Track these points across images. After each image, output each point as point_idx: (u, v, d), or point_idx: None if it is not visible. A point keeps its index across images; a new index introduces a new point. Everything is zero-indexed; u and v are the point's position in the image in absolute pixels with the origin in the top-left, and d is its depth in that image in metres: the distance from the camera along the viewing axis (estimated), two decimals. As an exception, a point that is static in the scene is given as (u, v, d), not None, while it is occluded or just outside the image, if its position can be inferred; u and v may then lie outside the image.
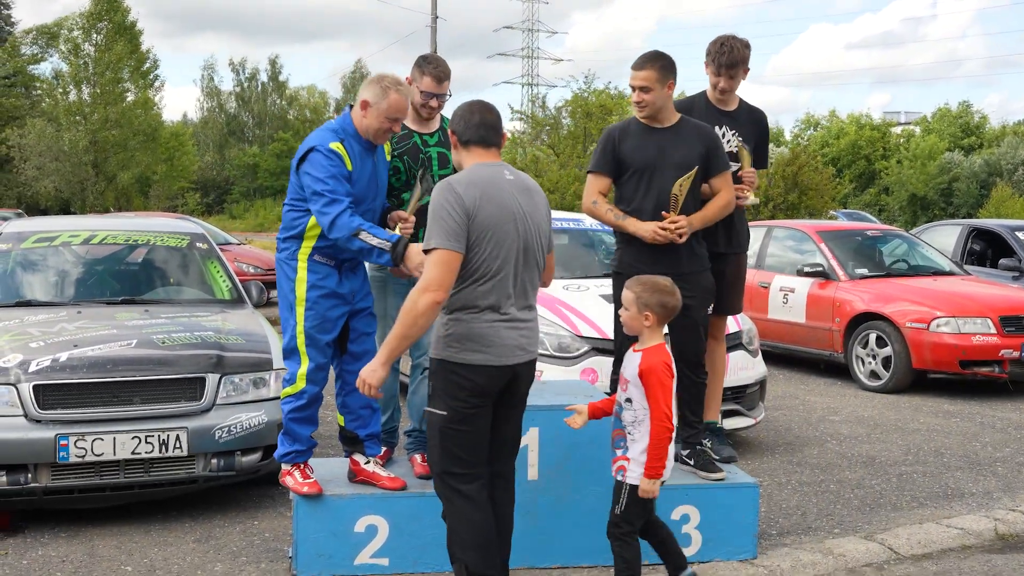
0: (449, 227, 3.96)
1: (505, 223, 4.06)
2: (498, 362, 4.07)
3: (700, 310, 5.32)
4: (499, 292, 4.06)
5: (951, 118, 65.43)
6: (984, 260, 13.56)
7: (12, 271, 7.07)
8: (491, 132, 4.22)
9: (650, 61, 5.18)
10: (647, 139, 5.25)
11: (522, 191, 4.17)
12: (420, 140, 5.34)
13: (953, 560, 5.34)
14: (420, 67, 5.29)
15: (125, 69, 51.07)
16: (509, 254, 4.06)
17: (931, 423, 8.67)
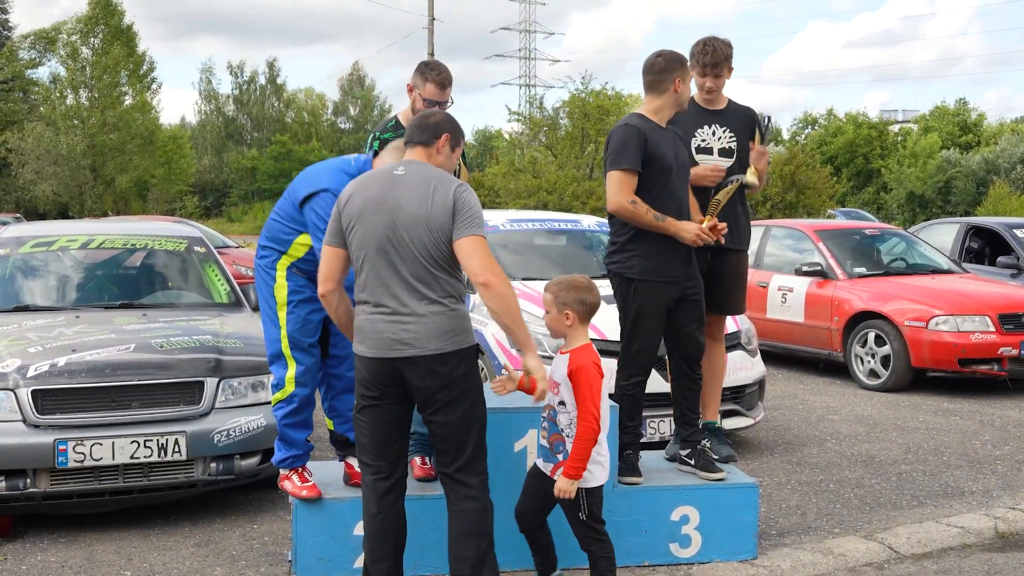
0: (329, 224, 4.21)
1: (369, 215, 4.04)
2: (372, 354, 4.04)
3: (702, 304, 5.38)
4: (373, 284, 4.05)
5: (949, 116, 65.47)
6: (982, 258, 13.56)
7: (10, 276, 7.07)
8: (416, 131, 4.22)
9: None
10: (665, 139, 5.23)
11: (407, 184, 4.06)
12: None
13: (953, 559, 5.34)
14: (423, 73, 5.22)
15: (123, 72, 51.08)
16: (375, 245, 4.02)
17: (930, 421, 8.67)
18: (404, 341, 3.99)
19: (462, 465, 4.16)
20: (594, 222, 9.55)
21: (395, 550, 4.24)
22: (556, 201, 29.04)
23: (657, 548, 5.11)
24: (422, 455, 5.33)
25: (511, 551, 4.94)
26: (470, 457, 4.16)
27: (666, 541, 5.11)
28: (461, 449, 4.15)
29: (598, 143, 33.49)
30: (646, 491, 5.11)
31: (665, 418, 6.64)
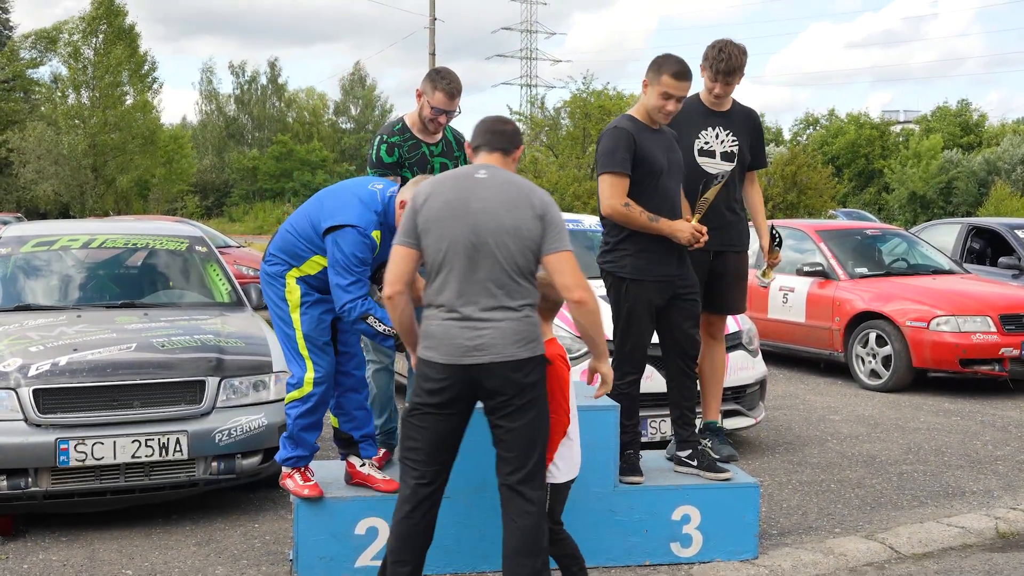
0: (401, 224, 4.12)
1: (450, 217, 3.99)
2: (444, 360, 3.98)
3: (698, 302, 5.37)
4: (449, 289, 4.00)
5: (950, 116, 65.44)
6: (984, 259, 13.55)
7: (12, 275, 7.07)
8: (495, 137, 4.21)
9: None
10: (656, 141, 5.21)
11: (492, 188, 4.04)
12: (428, 150, 5.33)
13: (954, 559, 5.34)
14: (433, 81, 5.21)
15: (124, 72, 51.08)
16: (455, 249, 3.97)
17: (931, 422, 8.67)
18: (480, 347, 3.96)
19: (525, 476, 4.09)
20: (595, 222, 9.55)
21: (420, 555, 4.18)
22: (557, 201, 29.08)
23: (658, 547, 5.11)
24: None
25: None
26: (533, 467, 4.10)
27: (667, 540, 5.11)
28: (526, 458, 4.08)
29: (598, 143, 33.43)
30: (647, 490, 5.11)
31: (666, 418, 6.64)
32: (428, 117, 5.22)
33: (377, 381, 5.43)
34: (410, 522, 4.13)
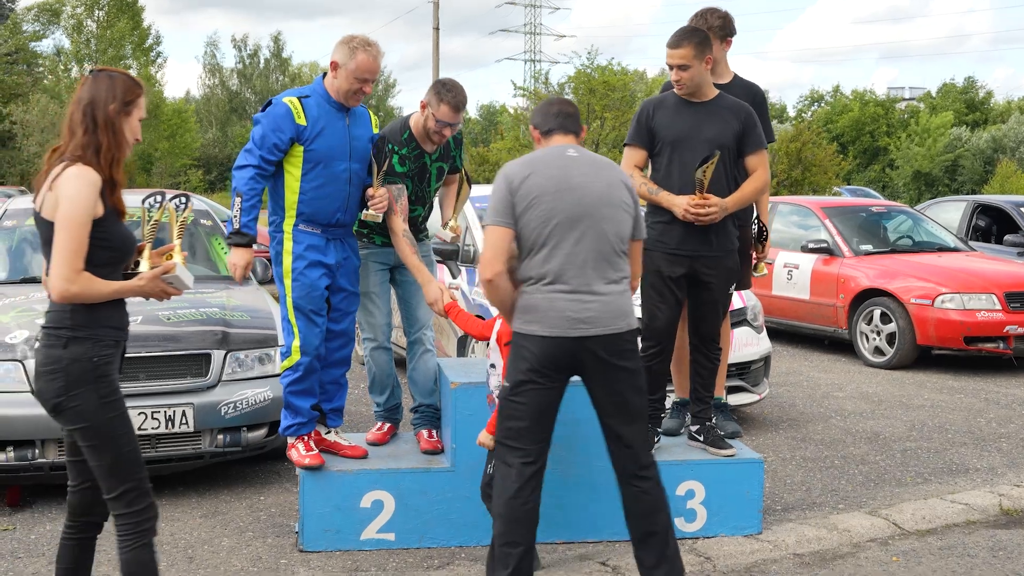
0: (494, 205, 4.09)
1: (554, 192, 4.05)
2: (550, 333, 4.00)
3: (721, 290, 5.26)
4: (555, 262, 4.04)
5: (956, 94, 65.20)
6: (989, 236, 13.52)
7: (17, 248, 7.08)
8: (568, 120, 4.31)
9: (686, 38, 5.09)
10: (681, 113, 5.18)
11: (588, 164, 4.16)
12: (427, 160, 5.34)
13: (958, 535, 5.35)
14: (439, 94, 5.12)
15: (127, 46, 50.94)
16: (562, 222, 4.03)
17: (935, 399, 8.68)
18: (587, 320, 4.00)
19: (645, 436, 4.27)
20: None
21: (532, 535, 4.15)
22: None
23: (662, 522, 5.12)
24: (428, 428, 5.36)
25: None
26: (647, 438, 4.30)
27: (671, 515, 5.12)
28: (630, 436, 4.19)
29: (604, 119, 33.42)
30: (652, 465, 5.11)
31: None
32: (433, 130, 5.18)
33: (376, 360, 5.40)
34: (517, 502, 4.08)
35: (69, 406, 3.40)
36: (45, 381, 3.41)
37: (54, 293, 3.33)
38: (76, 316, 3.40)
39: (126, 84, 3.51)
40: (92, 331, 3.43)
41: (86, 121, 3.42)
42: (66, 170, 3.37)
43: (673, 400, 5.74)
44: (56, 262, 3.31)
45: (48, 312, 3.44)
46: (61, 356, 3.38)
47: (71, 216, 3.32)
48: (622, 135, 39.21)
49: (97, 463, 3.47)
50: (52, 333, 3.41)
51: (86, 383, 3.40)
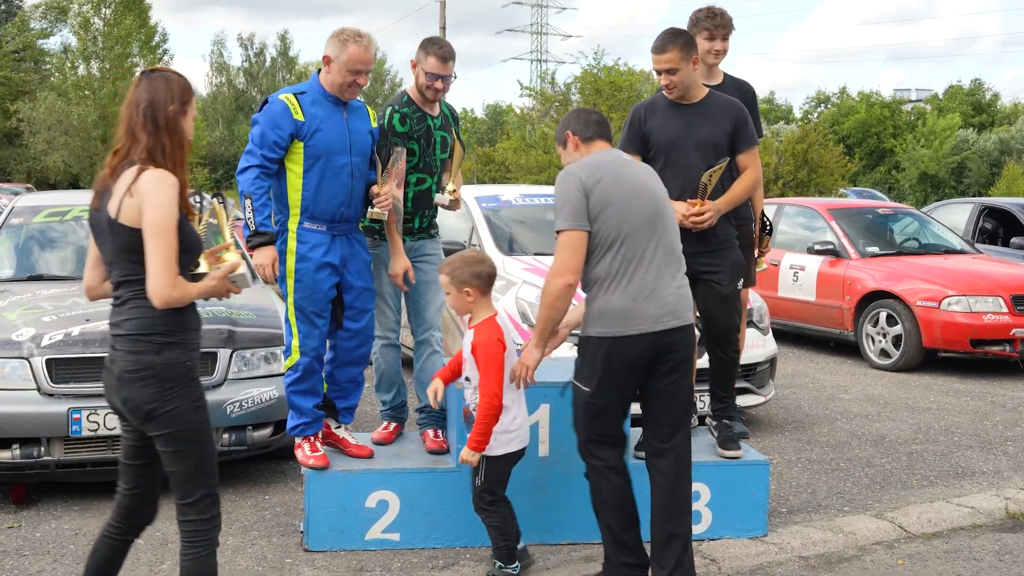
0: (570, 209, 4.17)
1: (627, 193, 4.20)
2: (636, 331, 4.15)
3: (728, 284, 5.22)
4: (634, 260, 4.17)
5: (962, 96, 65.08)
6: (996, 239, 13.50)
7: (24, 245, 7.09)
8: (606, 128, 4.52)
9: (670, 41, 5.05)
10: (673, 116, 5.16)
11: (642, 167, 4.45)
12: (431, 123, 5.38)
13: (963, 539, 5.34)
14: (425, 48, 5.31)
15: (134, 43, 51.00)
16: (640, 221, 4.18)
17: (941, 402, 8.66)
18: (670, 313, 4.20)
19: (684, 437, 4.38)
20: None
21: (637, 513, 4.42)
22: (567, 177, 28.95)
23: (668, 524, 5.11)
24: (434, 428, 5.36)
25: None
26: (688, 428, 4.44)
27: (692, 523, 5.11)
28: (684, 418, 4.39)
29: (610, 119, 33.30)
30: (657, 467, 5.10)
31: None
32: (424, 84, 5.30)
33: (384, 357, 5.44)
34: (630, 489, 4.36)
35: (163, 411, 3.39)
36: (137, 387, 3.39)
37: (157, 300, 3.30)
38: (167, 321, 3.40)
39: (181, 84, 3.50)
40: (183, 335, 3.46)
41: (148, 123, 3.41)
42: (143, 175, 3.34)
43: None
44: (157, 270, 3.28)
45: (127, 319, 3.41)
46: (154, 362, 3.38)
47: (163, 222, 3.30)
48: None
49: (178, 468, 3.47)
50: (142, 339, 3.39)
51: (180, 387, 3.42)
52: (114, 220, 3.36)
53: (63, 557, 4.84)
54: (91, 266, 3.66)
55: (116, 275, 3.46)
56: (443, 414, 5.40)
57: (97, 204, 3.46)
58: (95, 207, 3.46)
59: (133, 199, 3.33)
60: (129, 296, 3.42)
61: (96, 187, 3.48)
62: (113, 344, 3.47)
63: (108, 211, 3.38)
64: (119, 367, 3.42)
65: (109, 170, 3.45)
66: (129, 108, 3.44)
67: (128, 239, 3.35)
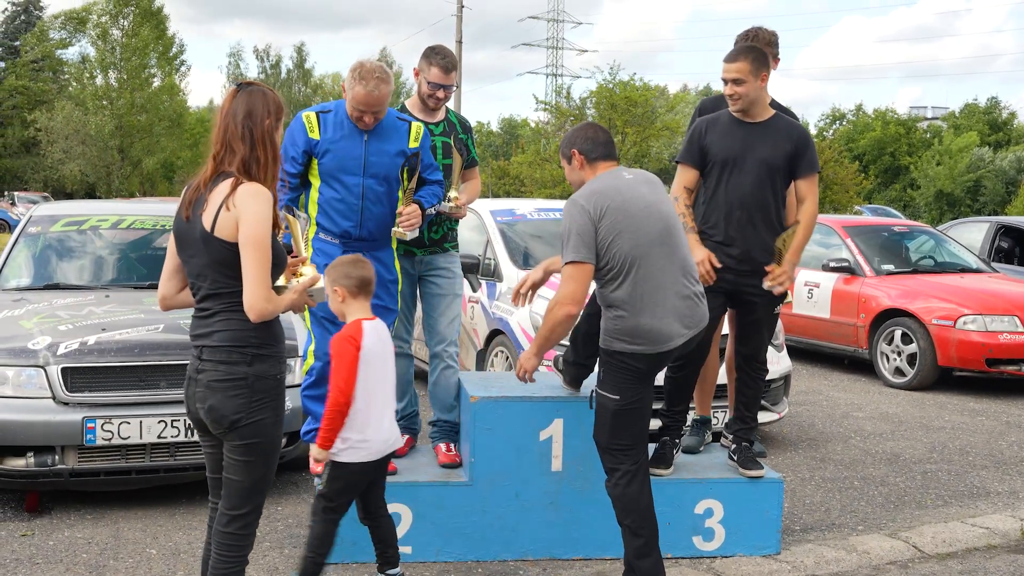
0: (577, 241, 4.29)
1: (639, 214, 4.31)
2: (662, 349, 4.35)
3: (765, 309, 5.22)
4: (652, 281, 4.28)
5: (979, 114, 64.92)
6: (1012, 258, 13.45)
7: (41, 254, 7.12)
8: (612, 147, 4.61)
9: (743, 53, 5.08)
10: (734, 132, 5.14)
11: (644, 183, 4.48)
12: (427, 129, 5.42)
13: (978, 559, 5.31)
14: (428, 58, 5.37)
15: (152, 54, 51.34)
16: (653, 241, 4.30)
17: (956, 421, 8.61)
18: (695, 325, 4.42)
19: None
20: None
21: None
22: (581, 191, 28.99)
23: (680, 540, 5.10)
24: (447, 442, 5.36)
25: (527, 541, 4.97)
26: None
27: (689, 534, 5.11)
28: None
29: (625, 134, 33.39)
30: (670, 483, 5.10)
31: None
32: (426, 93, 5.39)
33: (396, 366, 5.44)
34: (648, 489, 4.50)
35: (248, 422, 3.44)
36: (226, 397, 3.42)
37: (254, 314, 3.35)
38: (260, 333, 3.46)
39: (276, 100, 3.56)
40: (274, 348, 3.52)
41: (246, 134, 3.45)
42: (240, 188, 3.38)
43: (693, 418, 5.71)
44: (255, 283, 3.33)
45: (217, 331, 3.45)
46: (247, 373, 3.43)
47: (260, 237, 3.34)
48: (643, 150, 39.19)
49: (243, 479, 3.52)
50: (235, 350, 3.43)
51: (268, 400, 3.48)
52: (209, 233, 3.39)
53: (76, 566, 4.84)
54: (167, 276, 3.69)
55: (206, 288, 3.49)
56: (456, 428, 5.41)
57: (188, 214, 3.48)
58: (185, 217, 3.49)
59: (230, 212, 3.37)
60: (220, 308, 3.45)
61: (187, 196, 3.50)
62: (199, 355, 3.49)
63: (202, 223, 3.40)
64: (208, 376, 3.45)
65: (202, 180, 3.48)
66: (226, 119, 3.47)
67: (223, 252, 3.39)
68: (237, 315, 3.41)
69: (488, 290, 7.93)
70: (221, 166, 3.46)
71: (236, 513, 3.54)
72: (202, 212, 3.42)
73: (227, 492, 3.55)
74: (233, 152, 3.44)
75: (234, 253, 3.36)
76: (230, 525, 3.55)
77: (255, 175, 3.44)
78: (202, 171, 3.52)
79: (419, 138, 5.16)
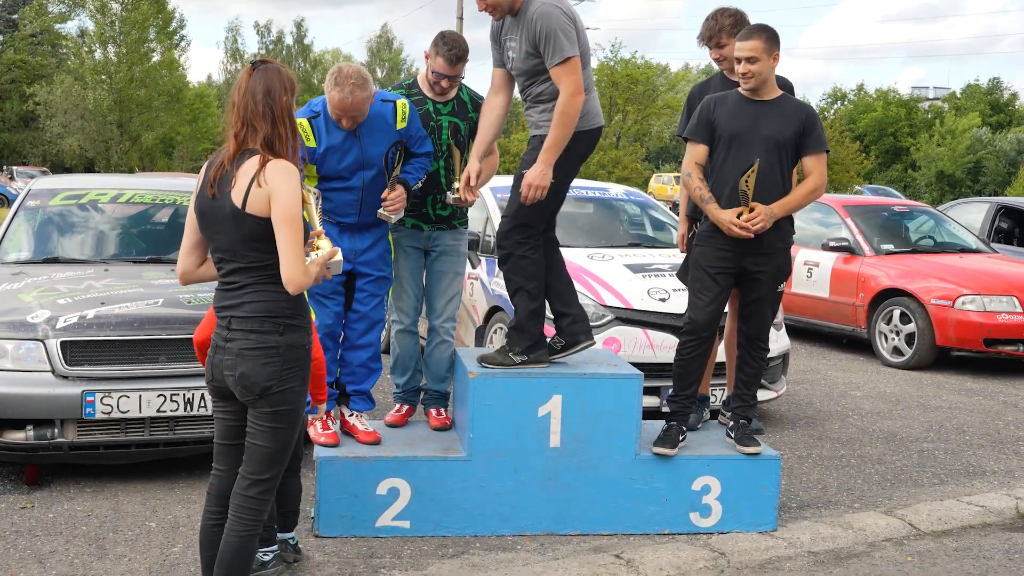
0: (564, 39, 4.79)
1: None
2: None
3: (770, 287, 5.22)
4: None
5: (980, 95, 64.75)
6: (1011, 238, 13.44)
7: (41, 228, 7.11)
8: None
9: (756, 32, 5.08)
10: (743, 109, 5.15)
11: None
12: (432, 107, 5.43)
13: (973, 537, 5.33)
14: (436, 46, 5.32)
15: (151, 29, 51.12)
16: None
17: (953, 400, 8.64)
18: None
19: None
20: (622, 191, 9.53)
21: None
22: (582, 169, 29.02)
23: (677, 517, 5.12)
24: (437, 407, 5.49)
25: (524, 516, 4.99)
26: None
27: (687, 510, 5.13)
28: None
29: (626, 112, 33.33)
30: (668, 460, 5.11)
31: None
32: (431, 81, 5.38)
33: (400, 342, 5.51)
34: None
35: (279, 389, 3.53)
36: (258, 364, 3.50)
37: (292, 286, 3.43)
38: (292, 304, 3.56)
39: (290, 77, 3.61)
40: (304, 319, 3.62)
41: (267, 112, 3.50)
42: (269, 165, 3.45)
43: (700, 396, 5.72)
44: (291, 257, 3.40)
45: (248, 302, 3.52)
46: (279, 342, 3.52)
47: (292, 211, 3.42)
48: (644, 128, 39.11)
49: (269, 445, 3.59)
50: (267, 320, 3.51)
51: (298, 369, 3.57)
52: (240, 210, 3.45)
53: (75, 538, 4.86)
54: (187, 252, 3.74)
55: (236, 262, 3.55)
56: (446, 396, 5.62)
57: (213, 192, 3.53)
58: (210, 195, 3.53)
59: (262, 189, 3.43)
60: (250, 281, 3.52)
61: (212, 174, 3.54)
62: (227, 324, 3.56)
63: (232, 200, 3.46)
64: (239, 345, 3.52)
65: (226, 157, 3.52)
66: (245, 97, 3.52)
67: (255, 228, 3.46)
68: (269, 287, 3.51)
69: (488, 267, 7.94)
70: (244, 144, 3.52)
71: (259, 478, 3.62)
72: (230, 189, 3.48)
73: (251, 457, 3.62)
74: (255, 130, 3.50)
75: (265, 228, 3.44)
76: (251, 489, 3.62)
77: (278, 151, 3.50)
78: (223, 149, 3.57)
79: (406, 116, 5.14)
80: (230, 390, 3.59)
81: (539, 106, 5.00)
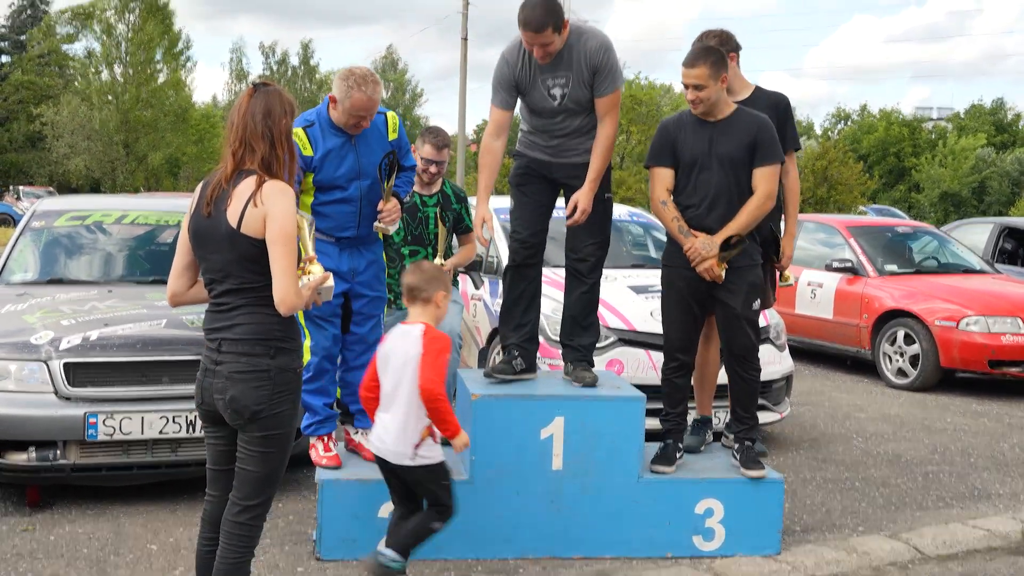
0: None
1: None
2: None
3: (744, 305, 5.19)
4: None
5: (984, 115, 64.80)
6: (1016, 259, 13.43)
7: (45, 248, 7.12)
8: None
9: (701, 57, 5.07)
10: (698, 132, 5.18)
11: None
12: (420, 200, 6.07)
13: (979, 561, 5.31)
14: (423, 136, 6.10)
15: (158, 49, 51.36)
16: None
17: (958, 423, 8.61)
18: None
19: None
20: (625, 211, 9.53)
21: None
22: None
23: (680, 540, 5.10)
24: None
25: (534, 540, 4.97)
26: None
27: (690, 533, 5.11)
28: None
29: (629, 132, 33.37)
30: (671, 483, 5.10)
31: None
32: (421, 168, 5.94)
33: None
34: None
35: (270, 413, 3.52)
36: (248, 388, 3.49)
37: (285, 307, 3.42)
38: (284, 328, 3.55)
39: (290, 100, 3.64)
40: (295, 342, 3.61)
41: (266, 133, 3.52)
42: (265, 185, 3.45)
43: (694, 418, 5.71)
44: (284, 279, 3.40)
45: (239, 324, 3.52)
46: (270, 365, 3.51)
47: (287, 232, 3.42)
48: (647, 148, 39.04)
49: (258, 470, 3.59)
50: (259, 343, 3.50)
51: (289, 392, 3.57)
52: (235, 230, 3.45)
53: (76, 560, 4.85)
54: (178, 273, 3.75)
55: (228, 283, 3.54)
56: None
57: (209, 211, 3.53)
58: (206, 214, 3.53)
59: (258, 209, 3.43)
60: (242, 303, 3.52)
61: (208, 193, 3.54)
62: (217, 347, 3.56)
63: (227, 220, 3.46)
64: (229, 368, 3.51)
65: (223, 177, 3.53)
66: (245, 118, 3.53)
67: (249, 248, 3.45)
68: (261, 309, 3.49)
69: (491, 288, 7.93)
70: (241, 164, 3.52)
71: (249, 503, 3.60)
72: (226, 208, 3.48)
73: (241, 482, 3.60)
74: (253, 150, 3.50)
75: (259, 249, 3.43)
76: (242, 515, 3.60)
77: (275, 172, 3.51)
78: (220, 168, 3.57)
79: (396, 127, 5.23)
80: (220, 414, 3.58)
81: (581, 137, 5.22)
